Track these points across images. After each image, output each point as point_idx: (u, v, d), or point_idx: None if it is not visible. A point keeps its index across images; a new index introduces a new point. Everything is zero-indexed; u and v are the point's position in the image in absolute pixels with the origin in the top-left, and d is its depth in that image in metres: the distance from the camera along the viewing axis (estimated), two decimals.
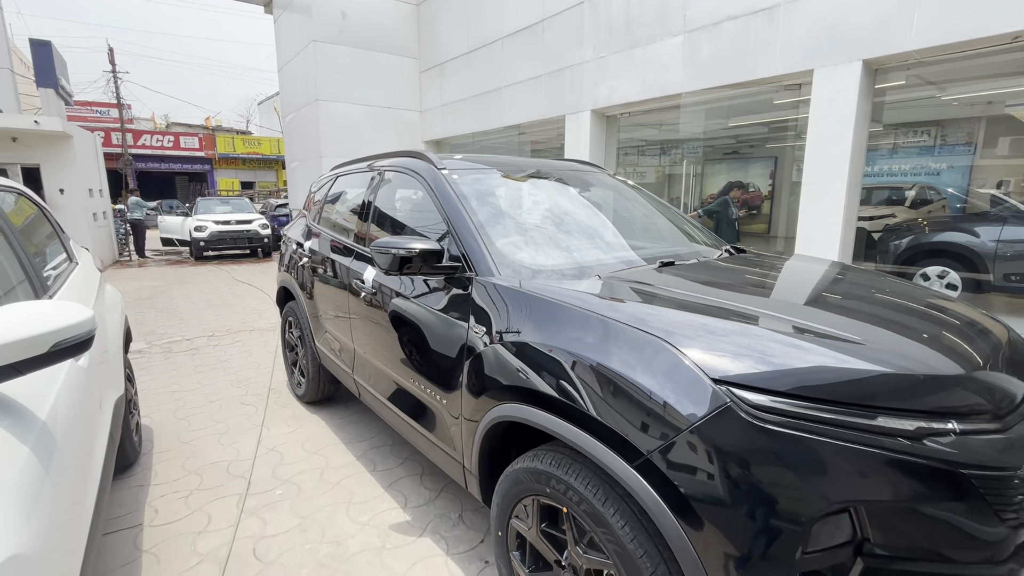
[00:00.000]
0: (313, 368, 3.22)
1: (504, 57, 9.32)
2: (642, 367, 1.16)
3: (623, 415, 1.15)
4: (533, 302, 1.50)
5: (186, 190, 27.72)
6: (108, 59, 24.01)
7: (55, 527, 1.10)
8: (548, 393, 1.33)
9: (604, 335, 1.27)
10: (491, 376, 1.54)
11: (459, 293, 1.78)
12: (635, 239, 2.30)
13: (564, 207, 2.31)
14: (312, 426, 3.14)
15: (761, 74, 5.62)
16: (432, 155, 2.29)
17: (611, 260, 1.92)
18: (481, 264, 1.75)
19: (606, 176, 2.79)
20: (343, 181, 3.12)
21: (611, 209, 2.50)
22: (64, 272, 2.08)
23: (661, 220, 2.59)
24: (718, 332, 1.20)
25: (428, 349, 1.88)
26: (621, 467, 1.14)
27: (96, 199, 10.65)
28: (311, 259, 3.05)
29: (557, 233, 2.07)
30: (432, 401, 1.89)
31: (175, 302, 6.97)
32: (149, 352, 4.67)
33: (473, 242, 1.81)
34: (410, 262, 1.76)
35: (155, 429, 3.11)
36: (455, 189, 2.03)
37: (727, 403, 1.03)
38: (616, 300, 1.43)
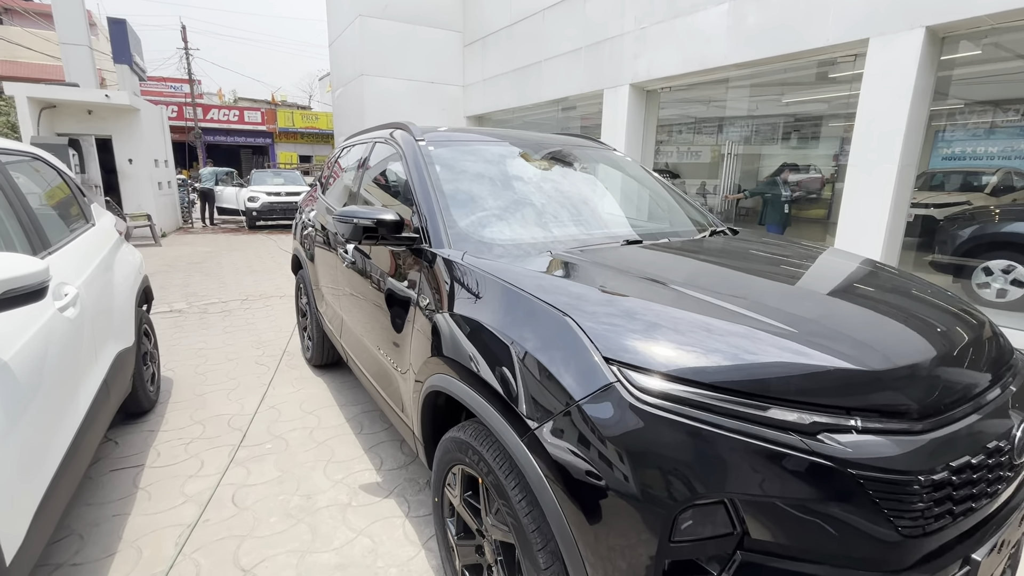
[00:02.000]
0: (317, 333, 3.37)
1: (545, 29, 9.08)
2: (544, 341, 1.14)
3: (521, 389, 1.14)
4: (468, 274, 1.50)
5: (250, 162, 29.19)
6: (181, 36, 25.40)
7: (7, 471, 1.23)
8: (465, 365, 1.33)
9: (517, 307, 1.25)
10: (431, 345, 1.56)
11: (415, 264, 1.79)
12: (615, 218, 2.22)
13: (544, 183, 2.26)
14: (314, 388, 3.30)
15: (812, 44, 5.18)
16: (416, 127, 2.29)
17: (575, 238, 1.86)
18: (435, 236, 1.75)
19: (606, 152, 2.69)
20: (348, 153, 3.18)
21: (598, 186, 2.43)
22: (75, 232, 2.27)
23: (653, 199, 2.48)
24: (630, 312, 1.16)
25: (387, 318, 1.92)
26: (512, 440, 1.13)
27: (162, 169, 11.43)
28: (313, 229, 3.16)
29: (527, 210, 2.04)
30: (388, 367, 1.94)
31: (221, 267, 7.44)
32: (187, 312, 5.03)
33: (432, 214, 1.82)
34: (373, 232, 1.79)
35: (175, 381, 3.37)
36: (426, 160, 2.03)
37: (612, 382, 1.00)
38: (543, 274, 1.41)
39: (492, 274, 1.41)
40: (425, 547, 1.91)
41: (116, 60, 13.32)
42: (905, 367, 1.03)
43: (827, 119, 7.61)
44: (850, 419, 0.94)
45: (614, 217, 2.22)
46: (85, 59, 10.35)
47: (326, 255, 2.89)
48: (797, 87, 6.51)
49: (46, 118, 9.16)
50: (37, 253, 1.81)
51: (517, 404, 1.14)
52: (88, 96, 9.24)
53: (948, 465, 0.94)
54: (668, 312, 1.14)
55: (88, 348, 1.92)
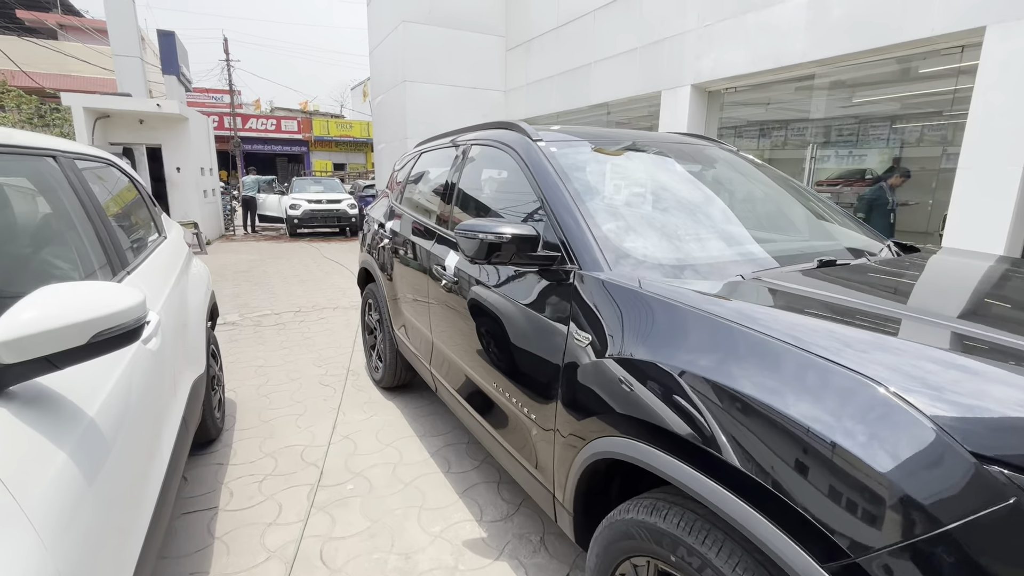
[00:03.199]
0: (390, 354, 3.09)
1: (595, 30, 8.76)
2: (843, 422, 0.79)
3: (811, 490, 0.79)
4: (661, 309, 1.16)
5: (286, 170, 29.74)
6: (223, 48, 26.10)
7: (97, 543, 0.95)
8: (686, 437, 0.99)
9: (779, 367, 0.90)
10: (597, 396, 1.22)
11: (557, 289, 1.47)
12: (773, 229, 1.86)
13: (683, 188, 1.91)
14: (387, 414, 3.02)
15: (911, 36, 4.71)
16: (525, 125, 1.98)
17: (752, 256, 1.51)
18: (586, 255, 1.42)
19: (726, 152, 2.33)
20: (427, 158, 2.91)
21: (737, 191, 2.07)
22: (149, 246, 2.04)
23: (799, 206, 2.11)
24: (958, 373, 0.80)
25: (517, 352, 1.60)
26: (804, 565, 0.78)
27: (207, 177, 11.54)
28: (392, 241, 2.88)
29: (677, 220, 1.69)
30: (519, 414, 1.62)
31: (268, 276, 7.32)
32: (241, 324, 4.85)
33: (576, 228, 1.49)
34: (499, 249, 1.48)
35: (239, 404, 3.13)
36: (554, 164, 1.71)
37: (1011, 500, 0.64)
38: (783, 313, 1.05)
39: (710, 312, 1.07)
40: None
41: (165, 71, 13.64)
42: None
43: (913, 118, 6.99)
44: None
45: (777, 230, 1.85)
46: (136, 70, 10.54)
47: (410, 270, 2.61)
48: (879, 85, 6.00)
49: (99, 128, 9.30)
50: (116, 274, 1.56)
51: (806, 514, 0.79)
52: (140, 106, 9.35)
53: None
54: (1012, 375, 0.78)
55: (169, 382, 1.66)
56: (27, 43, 19.06)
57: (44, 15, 23.23)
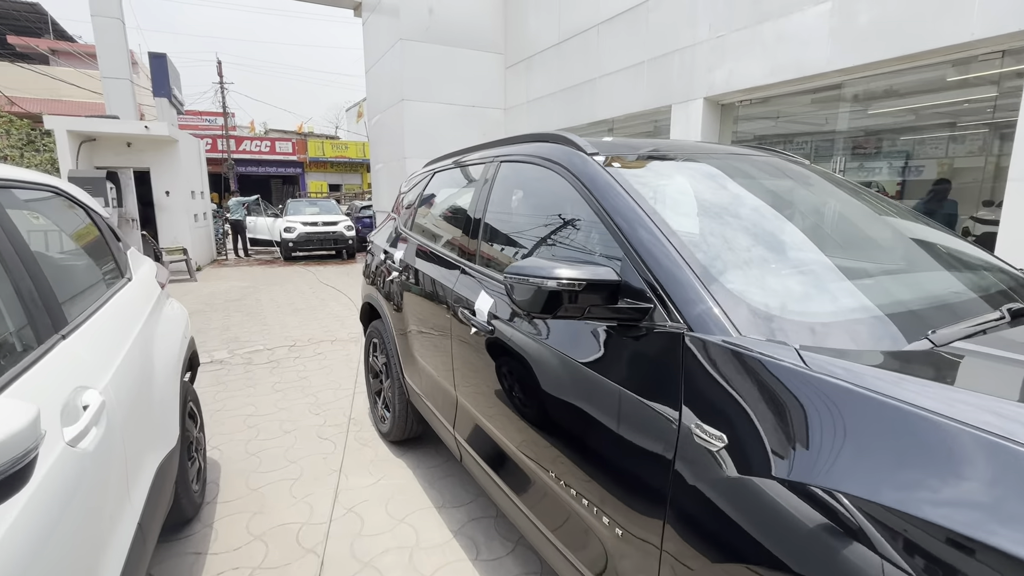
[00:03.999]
0: (400, 404, 2.66)
1: (599, 45, 8.53)
2: None
3: None
4: (859, 408, 0.75)
5: (280, 192, 29.42)
6: (216, 71, 25.98)
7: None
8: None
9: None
10: (750, 537, 0.81)
11: (653, 354, 1.06)
12: (902, 264, 1.47)
13: (788, 215, 1.52)
14: (398, 476, 2.58)
15: (947, 41, 4.42)
16: (576, 137, 1.60)
17: (906, 306, 1.12)
18: (694, 308, 1.02)
19: (804, 167, 1.95)
20: (442, 178, 2.52)
21: (837, 216, 1.68)
22: (104, 293, 1.62)
23: (904, 230, 1.72)
24: None
25: (591, 436, 1.18)
26: None
27: (198, 201, 11.15)
28: (402, 274, 2.48)
29: (798, 257, 1.30)
30: (596, 525, 1.19)
31: (261, 305, 6.88)
32: (230, 363, 4.40)
33: (674, 270, 1.09)
34: (565, 299, 1.08)
35: (223, 466, 2.68)
36: (625, 185, 1.32)
37: None
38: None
39: (977, 425, 0.66)
40: None
41: (156, 93, 13.35)
42: None
43: (940, 128, 6.67)
44: None
45: (912, 265, 1.46)
46: (126, 93, 10.20)
47: (426, 310, 2.20)
48: (914, 94, 5.71)
49: (85, 151, 8.92)
50: (43, 341, 1.14)
51: None
52: (127, 128, 8.99)
53: None
54: None
55: (118, 480, 1.24)
56: (18, 68, 18.81)
57: (35, 40, 23.06)
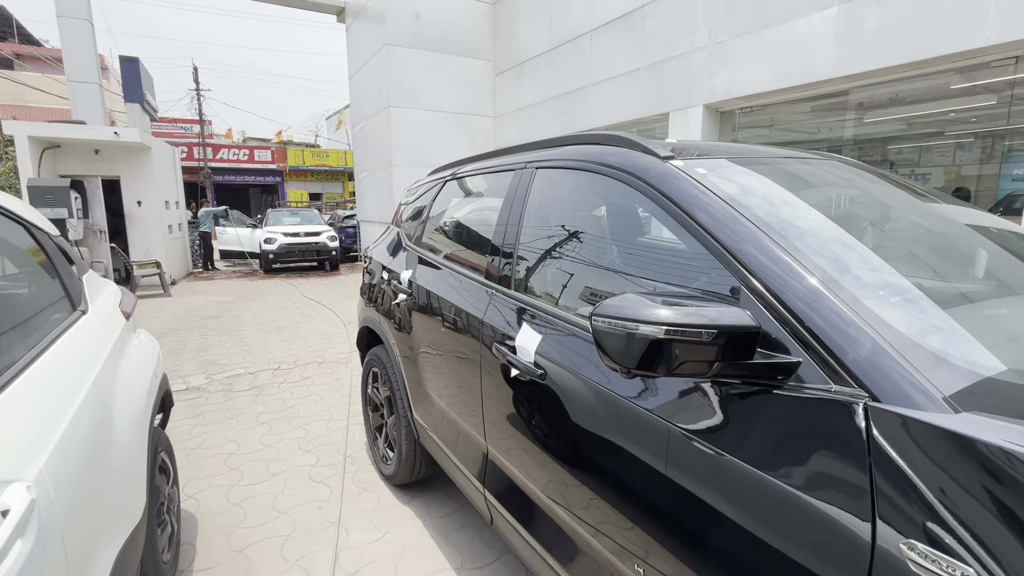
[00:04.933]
0: (408, 445, 2.33)
1: (593, 51, 8.34)
2: None
3: None
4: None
5: (259, 201, 28.67)
6: (193, 78, 25.25)
7: None
8: None
9: None
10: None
11: (809, 434, 0.77)
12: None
13: (908, 235, 1.26)
14: (406, 528, 2.24)
15: (961, 47, 4.31)
16: (643, 139, 1.32)
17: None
18: (876, 369, 0.74)
19: (875, 173, 1.70)
20: (457, 187, 2.22)
21: (952, 234, 1.42)
22: (45, 338, 1.26)
23: (1000, 244, 1.47)
24: None
25: (713, 537, 0.88)
26: None
27: (172, 211, 10.60)
28: (410, 297, 2.16)
29: (944, 290, 1.03)
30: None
31: (241, 322, 6.43)
32: (208, 390, 3.99)
33: (835, 312, 0.81)
34: (678, 351, 0.79)
35: (200, 521, 2.30)
36: (731, 202, 1.04)
37: None
38: None
39: None
40: None
41: (127, 99, 12.78)
42: None
43: (956, 135, 6.58)
44: None
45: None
46: (94, 97, 9.66)
47: (445, 341, 1.88)
48: (923, 101, 5.62)
49: (49, 159, 8.36)
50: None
51: None
52: (95, 134, 8.46)
53: None
54: None
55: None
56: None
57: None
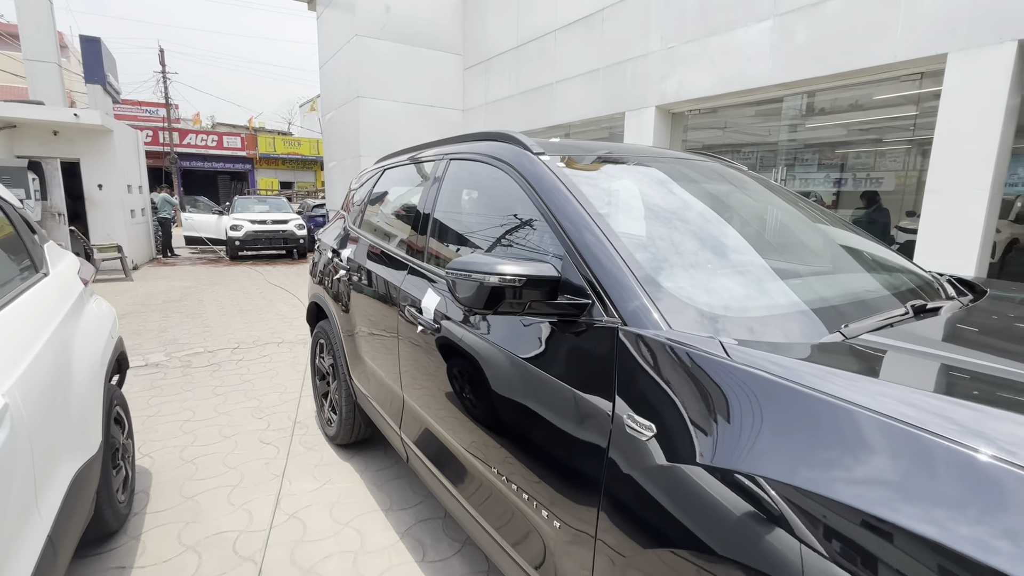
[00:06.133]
0: (347, 406, 2.59)
1: (557, 50, 8.65)
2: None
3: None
4: (775, 396, 0.79)
5: (228, 189, 28.15)
6: (159, 60, 24.57)
7: None
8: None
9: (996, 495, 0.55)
10: (677, 521, 0.84)
11: (589, 348, 1.09)
12: (826, 264, 1.56)
13: (722, 216, 1.59)
14: (343, 480, 2.51)
15: (874, 62, 4.76)
16: (523, 136, 1.62)
17: (826, 302, 1.19)
18: (628, 303, 1.05)
19: (743, 172, 2.05)
20: (393, 176, 2.49)
21: (773, 219, 1.77)
22: (12, 291, 1.49)
23: (832, 234, 1.83)
24: None
25: (532, 430, 1.20)
26: None
27: (135, 195, 10.50)
28: (349, 272, 2.42)
29: (728, 257, 1.36)
30: (536, 519, 1.20)
31: (203, 306, 6.55)
32: (167, 366, 4.16)
33: (610, 267, 1.12)
34: (506, 295, 1.09)
35: (155, 475, 2.53)
36: (569, 185, 1.35)
37: None
38: (961, 400, 0.71)
39: (877, 410, 0.71)
40: None
41: (88, 80, 12.49)
42: None
43: (871, 142, 7.16)
44: None
45: (835, 266, 1.56)
46: (53, 77, 9.50)
47: (373, 309, 2.16)
48: (844, 109, 6.12)
49: (4, 139, 8.22)
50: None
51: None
52: (54, 115, 8.35)
53: None
54: None
55: (23, 490, 1.14)
56: None
57: None
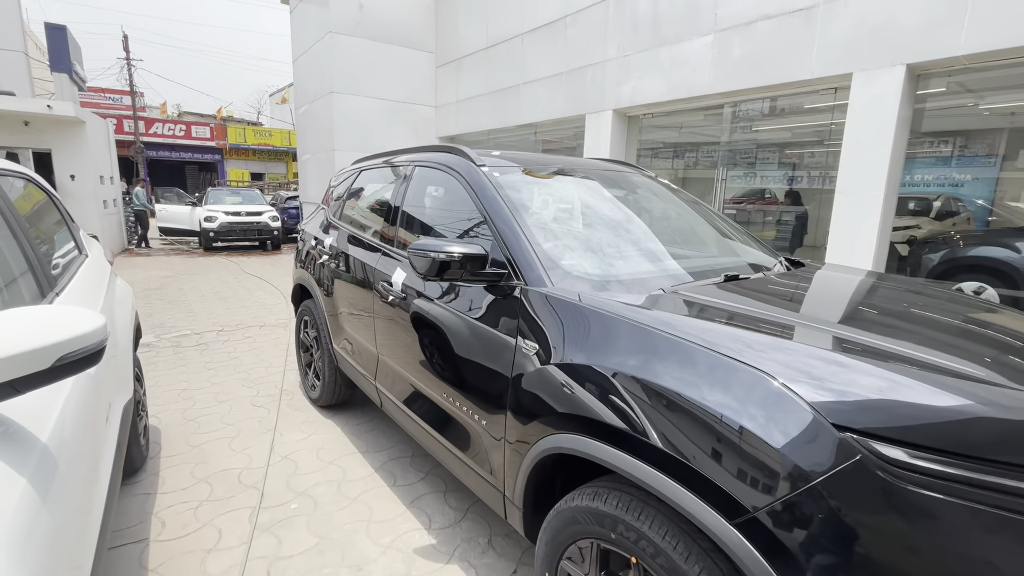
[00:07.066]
0: (329, 371, 3.07)
1: (524, 53, 9.14)
2: (746, 408, 0.99)
3: (722, 463, 0.98)
4: (597, 320, 1.33)
5: (196, 179, 27.72)
6: (123, 47, 23.98)
7: (52, 564, 0.95)
8: (625, 430, 1.15)
9: (695, 366, 1.10)
10: (544, 400, 1.37)
11: (505, 303, 1.61)
12: (688, 247, 2.13)
13: (613, 212, 2.14)
14: (327, 432, 2.99)
15: (795, 77, 5.42)
16: (469, 150, 2.13)
17: (670, 271, 1.74)
18: (530, 272, 1.58)
19: (646, 177, 2.61)
20: (368, 176, 2.96)
21: (659, 214, 2.33)
22: (73, 266, 1.93)
23: (709, 226, 2.41)
24: (833, 367, 1.03)
25: (467, 365, 1.71)
26: (718, 524, 0.97)
27: (107, 186, 10.56)
28: (331, 257, 2.89)
29: (608, 240, 1.90)
30: (469, 421, 1.73)
31: (184, 294, 6.85)
32: (157, 346, 4.53)
33: (521, 248, 1.65)
34: (450, 267, 1.60)
35: (163, 431, 2.96)
36: (498, 189, 1.86)
37: (858, 456, 0.86)
38: (697, 320, 1.26)
39: (640, 322, 1.25)
40: None
41: (54, 68, 12.36)
42: None
43: (799, 146, 7.95)
44: None
45: (691, 248, 2.12)
46: (20, 66, 9.49)
47: (352, 286, 2.64)
48: (777, 116, 6.81)
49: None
50: (45, 296, 1.49)
51: (722, 483, 0.97)
52: (26, 106, 8.42)
53: None
54: (874, 368, 1.02)
55: (103, 407, 1.60)
56: None
57: None
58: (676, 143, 8.31)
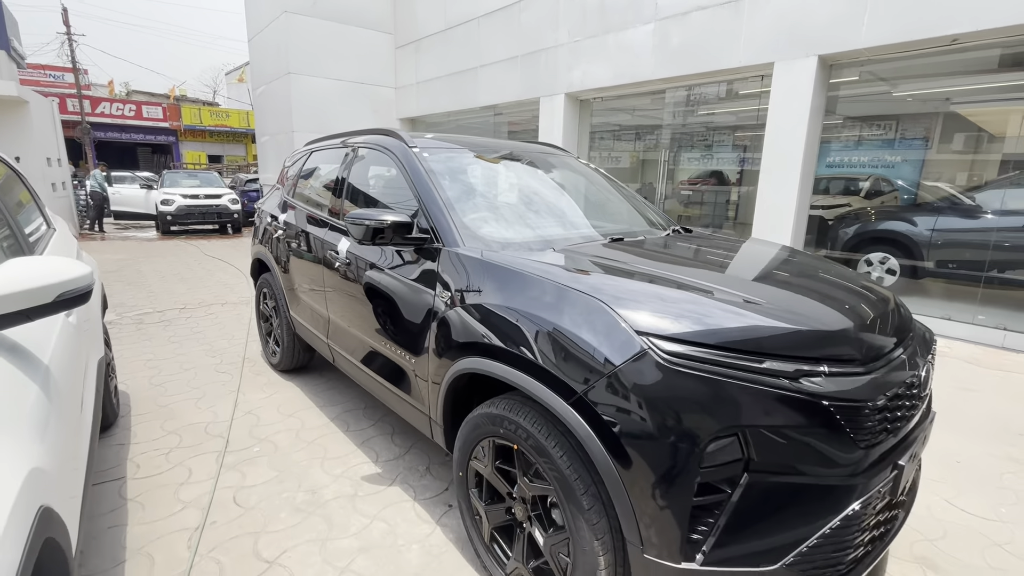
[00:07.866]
0: (288, 337, 3.35)
1: (481, 36, 9.32)
2: (584, 324, 1.37)
3: (565, 363, 1.36)
4: (491, 269, 1.69)
5: (149, 162, 26.71)
6: (63, 20, 22.67)
7: (61, 450, 1.25)
8: (503, 347, 1.53)
9: (552, 297, 1.47)
10: (454, 336, 1.73)
11: (427, 263, 1.95)
12: (593, 218, 2.51)
13: (528, 187, 2.49)
14: (287, 392, 3.29)
15: (725, 65, 5.86)
16: (404, 133, 2.43)
17: (568, 235, 2.12)
18: (447, 236, 1.92)
19: (571, 159, 2.98)
20: (318, 156, 3.22)
21: (573, 190, 2.70)
22: (44, 238, 2.16)
23: (618, 201, 2.80)
24: (645, 294, 1.42)
25: (399, 315, 2.05)
26: (560, 405, 1.35)
27: (55, 169, 10.27)
28: (286, 232, 3.16)
29: (520, 210, 2.26)
30: (403, 362, 2.08)
31: (143, 275, 6.90)
32: (119, 323, 4.68)
33: (440, 216, 1.98)
34: (382, 233, 1.92)
35: (131, 394, 3.20)
36: (425, 166, 2.19)
37: (645, 349, 1.25)
38: (564, 268, 1.64)
39: (517, 267, 1.62)
40: (439, 523, 2.07)
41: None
42: (855, 329, 1.38)
43: (734, 130, 8.47)
44: (820, 366, 1.26)
45: (596, 219, 2.50)
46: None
47: (304, 258, 2.92)
48: (714, 101, 7.27)
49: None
50: None
51: (562, 375, 1.36)
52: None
53: (884, 395, 1.30)
54: (675, 294, 1.42)
55: (83, 356, 1.87)
56: None
57: None
58: (626, 126, 8.72)
